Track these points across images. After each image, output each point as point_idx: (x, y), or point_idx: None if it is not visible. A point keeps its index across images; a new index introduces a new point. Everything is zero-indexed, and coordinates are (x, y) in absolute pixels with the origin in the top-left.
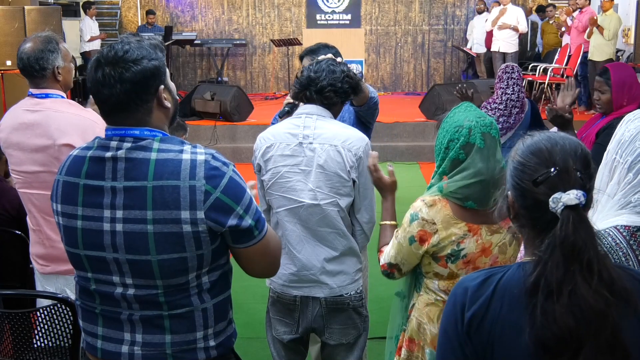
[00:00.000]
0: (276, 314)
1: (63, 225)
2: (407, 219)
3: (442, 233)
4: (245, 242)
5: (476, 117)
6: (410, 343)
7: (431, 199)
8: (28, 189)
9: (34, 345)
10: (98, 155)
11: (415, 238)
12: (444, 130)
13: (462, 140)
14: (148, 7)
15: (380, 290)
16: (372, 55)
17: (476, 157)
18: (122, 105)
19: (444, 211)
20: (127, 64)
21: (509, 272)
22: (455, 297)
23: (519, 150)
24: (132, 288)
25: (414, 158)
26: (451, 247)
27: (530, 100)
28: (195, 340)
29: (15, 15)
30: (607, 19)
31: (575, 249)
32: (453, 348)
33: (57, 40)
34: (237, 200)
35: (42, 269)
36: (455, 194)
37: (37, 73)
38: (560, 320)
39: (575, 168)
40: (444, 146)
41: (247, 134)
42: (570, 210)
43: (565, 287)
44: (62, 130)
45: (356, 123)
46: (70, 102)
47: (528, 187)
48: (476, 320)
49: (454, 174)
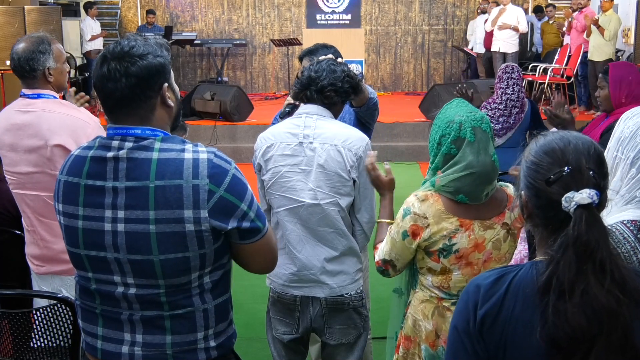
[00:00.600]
0: (276, 314)
1: (64, 224)
2: (400, 215)
3: (434, 227)
4: (251, 238)
5: (467, 112)
6: (406, 340)
7: (423, 194)
8: (22, 190)
9: (33, 345)
10: (99, 155)
11: (408, 232)
12: (436, 126)
13: (452, 135)
14: (148, 7)
15: (380, 291)
16: (372, 55)
17: (467, 150)
18: (125, 101)
19: (435, 206)
20: (133, 59)
21: (522, 271)
22: (468, 295)
23: (532, 150)
24: (134, 288)
25: (413, 158)
26: (443, 242)
27: (530, 100)
28: (195, 340)
29: (15, 15)
30: (606, 19)
31: (588, 249)
32: (464, 346)
33: (50, 41)
34: (240, 197)
35: (37, 270)
36: (446, 187)
37: (27, 74)
38: (572, 320)
39: (588, 167)
40: (436, 142)
41: (247, 134)
42: (583, 210)
43: (577, 286)
44: (53, 130)
45: (356, 124)
46: (62, 102)
47: (541, 186)
48: (489, 319)
49: (446, 169)
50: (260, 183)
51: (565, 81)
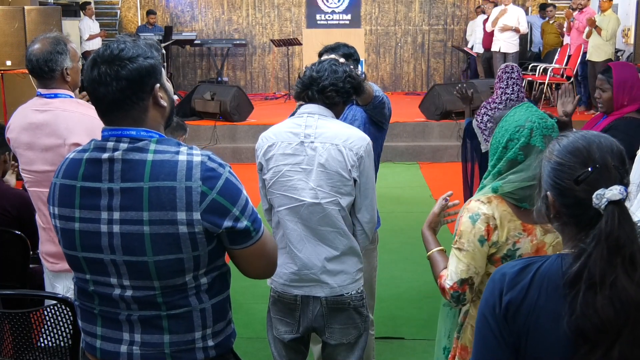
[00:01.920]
0: (277, 314)
1: (60, 228)
2: (467, 224)
3: (501, 229)
4: (242, 244)
5: (538, 119)
6: (463, 351)
7: (486, 197)
8: (38, 187)
9: (34, 346)
10: (94, 157)
11: (484, 236)
12: (503, 129)
13: (522, 141)
14: (148, 7)
15: (381, 291)
16: (372, 55)
17: (537, 159)
18: (118, 104)
19: (501, 207)
20: (123, 62)
21: (548, 262)
22: (494, 283)
23: (556, 151)
24: (130, 289)
25: (413, 158)
26: (507, 247)
27: (530, 101)
28: (193, 340)
29: (15, 16)
30: (605, 19)
31: (619, 243)
32: (492, 330)
33: (65, 41)
34: (233, 201)
35: (52, 267)
36: (513, 194)
37: (46, 75)
38: (602, 311)
39: (614, 165)
40: (502, 145)
41: (247, 134)
42: (615, 206)
43: (607, 278)
44: (70, 129)
45: (369, 124)
46: (79, 101)
47: (569, 185)
48: (513, 307)
49: (509, 174)
50: (261, 182)
51: (565, 81)
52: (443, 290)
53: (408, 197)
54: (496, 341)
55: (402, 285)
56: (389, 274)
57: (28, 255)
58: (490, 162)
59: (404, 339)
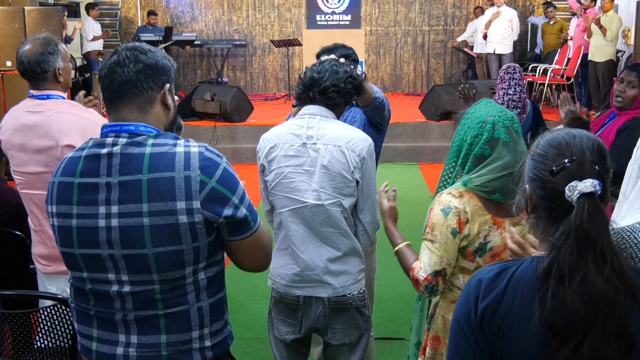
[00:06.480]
0: (279, 314)
1: (58, 226)
2: (439, 217)
3: (472, 223)
4: (241, 234)
5: (498, 112)
6: (435, 341)
7: (457, 192)
8: (30, 190)
9: (34, 346)
10: (93, 153)
11: (457, 229)
12: (465, 127)
13: (486, 136)
14: (148, 8)
15: (380, 291)
16: (372, 56)
17: (503, 151)
18: (129, 84)
19: (472, 202)
20: (144, 50)
21: (523, 266)
22: (470, 289)
23: (539, 145)
24: (128, 285)
25: (413, 159)
26: (478, 241)
27: (532, 101)
28: (190, 340)
29: (15, 16)
30: (608, 19)
31: (589, 237)
32: (466, 337)
33: (56, 42)
34: (232, 190)
35: (44, 269)
36: (483, 187)
37: (38, 76)
38: (571, 305)
39: (592, 160)
40: (467, 142)
41: (247, 135)
42: (586, 198)
43: (577, 272)
44: (63, 131)
45: (368, 125)
46: (71, 102)
47: (546, 177)
48: (489, 313)
49: (479, 169)
50: (263, 184)
51: (565, 82)
52: (417, 282)
53: (408, 198)
54: (470, 348)
55: (402, 286)
56: (388, 275)
57: (28, 256)
58: (452, 160)
59: (404, 339)
